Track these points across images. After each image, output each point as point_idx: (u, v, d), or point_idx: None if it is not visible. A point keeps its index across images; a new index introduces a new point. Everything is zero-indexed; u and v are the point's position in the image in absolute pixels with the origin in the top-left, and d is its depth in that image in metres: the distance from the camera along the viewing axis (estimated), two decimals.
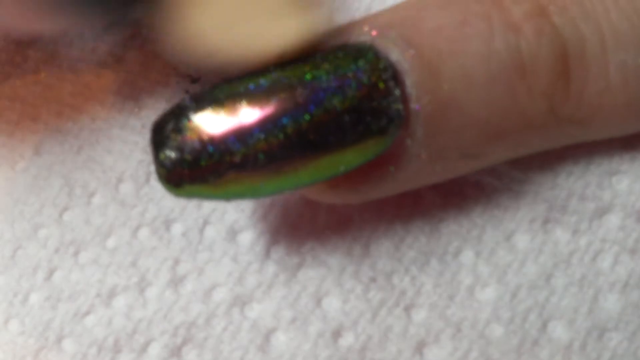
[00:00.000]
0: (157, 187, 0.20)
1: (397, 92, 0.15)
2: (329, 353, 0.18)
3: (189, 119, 0.15)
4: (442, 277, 0.18)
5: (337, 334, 0.18)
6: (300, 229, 0.19)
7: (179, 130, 0.15)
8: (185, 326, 0.19)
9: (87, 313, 0.19)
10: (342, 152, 0.15)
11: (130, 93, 0.22)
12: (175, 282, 0.19)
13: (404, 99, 0.15)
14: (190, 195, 0.16)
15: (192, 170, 0.15)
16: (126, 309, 0.19)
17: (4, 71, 0.23)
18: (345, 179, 0.16)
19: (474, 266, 0.18)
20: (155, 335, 0.19)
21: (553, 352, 0.17)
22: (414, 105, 0.15)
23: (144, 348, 0.19)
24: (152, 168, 0.21)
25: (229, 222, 0.19)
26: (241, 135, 0.15)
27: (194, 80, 0.22)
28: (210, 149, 0.15)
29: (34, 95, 0.22)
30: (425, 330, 0.18)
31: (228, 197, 0.16)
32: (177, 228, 0.20)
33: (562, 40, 0.16)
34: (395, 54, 0.16)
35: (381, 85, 0.15)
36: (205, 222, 0.20)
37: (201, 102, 0.15)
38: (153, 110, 0.21)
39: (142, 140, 0.21)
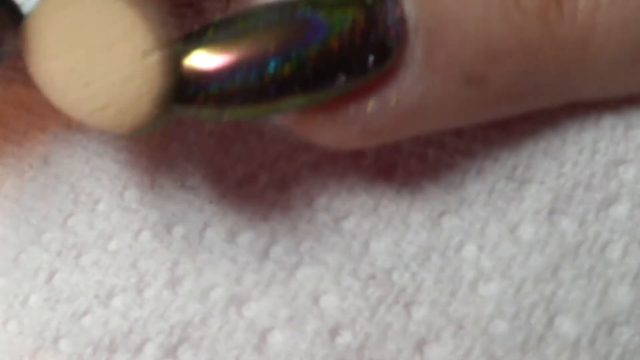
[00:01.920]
0: (161, 193, 0.21)
1: (395, 10, 0.16)
2: (326, 352, 0.18)
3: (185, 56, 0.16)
4: (443, 273, 0.18)
5: (334, 333, 0.18)
6: (299, 228, 0.19)
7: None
8: (181, 326, 0.19)
9: (85, 313, 0.19)
10: (344, 77, 0.16)
11: None
12: (174, 282, 0.19)
13: (402, 18, 0.16)
14: (193, 114, 0.16)
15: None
16: (123, 309, 0.19)
17: (6, 76, 0.24)
18: (346, 105, 0.17)
19: (476, 260, 0.18)
20: (151, 335, 0.19)
21: (560, 348, 0.17)
22: (411, 23, 0.16)
23: (140, 348, 0.19)
24: (157, 175, 0.21)
25: (229, 223, 0.20)
26: (240, 68, 0.16)
27: None
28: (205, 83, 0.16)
29: (40, 103, 0.23)
30: (425, 328, 0.18)
31: (224, 118, 0.17)
32: (178, 231, 0.20)
33: None
34: None
35: (380, 5, 0.16)
36: (206, 225, 0.20)
37: (196, 41, 0.16)
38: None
39: (147, 149, 0.22)
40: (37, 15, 0.16)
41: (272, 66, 0.16)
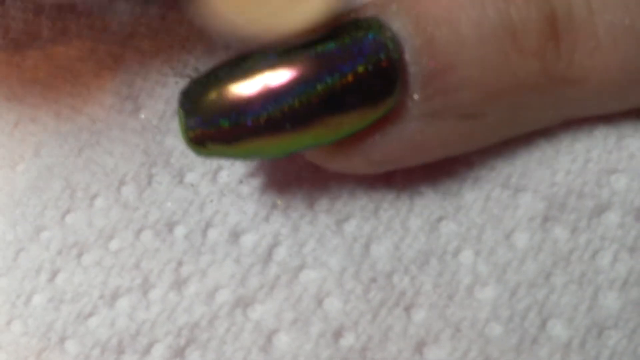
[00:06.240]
0: (159, 190, 0.21)
1: (398, 58, 0.17)
2: (330, 353, 0.19)
3: (211, 90, 0.18)
4: (441, 277, 0.19)
5: (338, 335, 0.19)
6: (301, 230, 0.20)
7: (201, 99, 0.18)
8: (188, 327, 0.19)
9: (91, 314, 0.20)
10: (352, 114, 0.17)
11: (129, 93, 0.22)
12: (179, 283, 0.20)
13: (404, 64, 0.17)
14: (211, 154, 0.18)
15: (215, 132, 0.18)
16: (129, 310, 0.20)
17: (1, 70, 0.23)
18: (352, 140, 0.18)
19: (473, 265, 0.19)
20: (159, 337, 0.20)
21: (552, 350, 0.18)
22: (412, 69, 0.17)
23: (147, 349, 0.20)
24: (154, 170, 0.22)
25: (232, 224, 0.20)
26: (258, 103, 0.17)
27: None
28: (232, 115, 0.17)
29: (33, 95, 0.23)
30: (424, 330, 0.19)
31: (246, 157, 0.18)
32: (179, 230, 0.21)
33: (550, 5, 0.17)
34: (396, 24, 0.18)
35: (386, 53, 0.17)
36: (208, 225, 0.20)
37: (222, 76, 0.18)
38: (152, 111, 0.22)
39: (142, 142, 0.22)
40: None
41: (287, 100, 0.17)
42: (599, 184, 0.19)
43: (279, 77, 0.17)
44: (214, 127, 0.18)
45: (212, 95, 0.18)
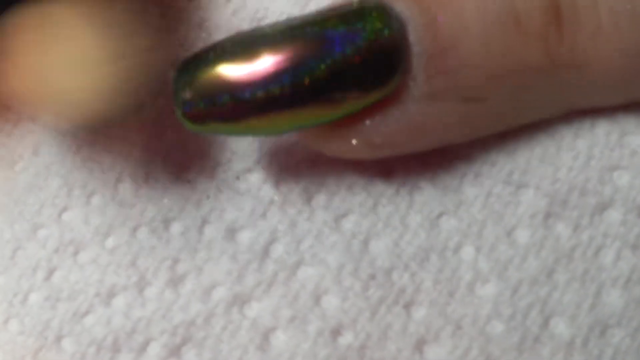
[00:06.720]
0: (156, 187, 0.21)
1: (402, 38, 0.17)
2: (328, 352, 0.19)
3: (211, 66, 0.18)
4: (441, 274, 0.19)
5: (336, 333, 0.19)
6: (299, 227, 0.20)
7: (201, 73, 0.18)
8: (184, 325, 0.19)
9: (87, 312, 0.20)
10: (354, 94, 0.17)
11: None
12: (175, 281, 0.20)
13: (407, 44, 0.17)
14: (209, 131, 0.18)
15: (214, 109, 0.17)
16: (125, 309, 0.20)
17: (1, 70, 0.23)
18: (352, 121, 0.18)
19: (474, 262, 0.19)
20: (155, 335, 0.19)
21: (555, 349, 0.18)
22: (415, 49, 0.17)
23: (143, 347, 0.19)
24: (151, 167, 0.21)
25: (228, 220, 0.20)
26: (259, 80, 0.17)
27: None
28: (232, 92, 0.17)
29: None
30: (425, 328, 0.18)
31: (244, 134, 0.19)
32: (176, 227, 0.20)
33: None
34: (399, 5, 0.18)
35: (390, 32, 0.17)
36: (204, 221, 0.20)
37: (223, 52, 0.18)
38: (151, 108, 0.22)
39: (140, 139, 0.22)
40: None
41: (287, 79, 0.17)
42: (601, 181, 0.18)
43: (281, 55, 0.17)
44: (213, 104, 0.17)
45: (213, 72, 0.17)
